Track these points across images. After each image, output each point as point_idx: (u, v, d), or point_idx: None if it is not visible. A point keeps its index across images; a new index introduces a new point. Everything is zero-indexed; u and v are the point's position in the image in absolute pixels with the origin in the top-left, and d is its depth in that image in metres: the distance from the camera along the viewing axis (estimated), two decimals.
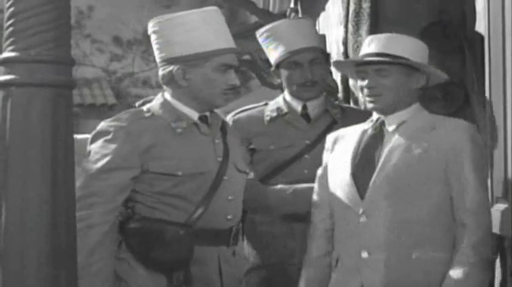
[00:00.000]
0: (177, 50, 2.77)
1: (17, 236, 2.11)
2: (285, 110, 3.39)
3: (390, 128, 2.75)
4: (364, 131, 2.81)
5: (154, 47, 2.85)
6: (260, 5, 6.82)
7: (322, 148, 2.97)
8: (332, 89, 4.17)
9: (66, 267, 2.14)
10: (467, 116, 4.01)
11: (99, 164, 2.68)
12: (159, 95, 2.86)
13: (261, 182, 3.27)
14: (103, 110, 16.98)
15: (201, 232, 2.72)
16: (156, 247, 2.69)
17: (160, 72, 2.82)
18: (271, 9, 6.60)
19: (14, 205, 2.11)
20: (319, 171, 2.91)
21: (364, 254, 2.66)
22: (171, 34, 2.78)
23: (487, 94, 2.78)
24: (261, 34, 3.46)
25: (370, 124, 2.81)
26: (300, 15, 6.05)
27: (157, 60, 2.84)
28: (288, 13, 6.13)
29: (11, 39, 2.17)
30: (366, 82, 2.74)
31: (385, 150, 2.71)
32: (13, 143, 2.12)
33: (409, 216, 2.61)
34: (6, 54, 2.17)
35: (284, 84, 3.44)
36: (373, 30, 3.85)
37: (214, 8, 2.82)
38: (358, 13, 4.11)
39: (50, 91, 2.16)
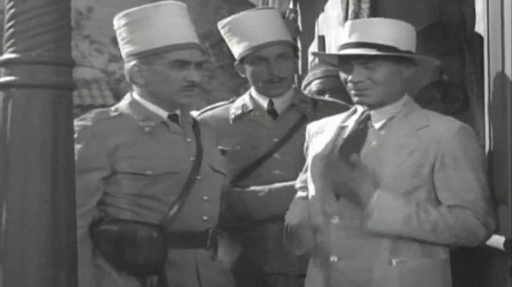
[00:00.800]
0: (132, 47, 2.70)
1: (17, 236, 2.11)
2: (250, 107, 3.20)
3: (377, 124, 2.59)
4: (345, 126, 2.65)
5: (119, 43, 2.79)
6: (259, 6, 6.82)
7: (292, 145, 2.85)
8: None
9: (67, 267, 2.14)
10: (466, 118, 4.02)
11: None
12: (128, 95, 2.79)
13: (230, 184, 3.11)
14: None
15: (177, 234, 2.65)
16: (127, 250, 2.61)
17: (124, 70, 2.76)
18: None
19: (14, 205, 2.11)
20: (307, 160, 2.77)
21: (333, 258, 2.54)
22: (125, 31, 2.72)
23: (486, 95, 2.78)
24: (223, 26, 3.23)
25: (354, 118, 2.65)
26: (299, 16, 6.06)
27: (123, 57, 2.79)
28: (287, 14, 6.13)
29: (12, 40, 2.17)
30: (350, 76, 2.56)
31: (369, 148, 2.56)
32: (14, 144, 2.12)
33: None
34: (7, 55, 2.17)
35: (249, 80, 3.23)
36: None
37: (173, 2, 2.73)
38: (357, 14, 4.11)
39: (50, 92, 2.16)
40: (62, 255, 2.14)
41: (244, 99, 3.25)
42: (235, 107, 3.24)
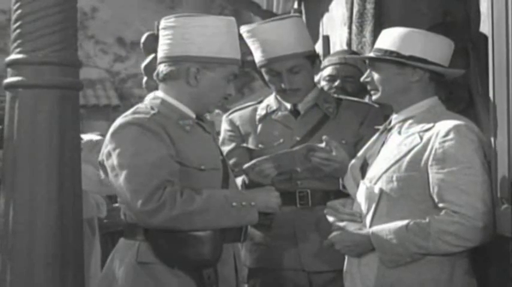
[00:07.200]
0: (196, 50, 2.73)
1: (24, 236, 2.13)
2: (274, 107, 3.32)
3: (394, 124, 2.77)
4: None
5: (165, 42, 2.77)
6: (264, 6, 6.82)
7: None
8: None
9: (73, 267, 2.16)
10: (471, 118, 4.02)
11: (153, 156, 2.59)
12: (153, 95, 2.80)
13: None
14: (106, 111, 17.01)
15: (223, 229, 2.69)
16: (188, 245, 2.62)
17: (167, 68, 2.75)
18: (274, 10, 6.60)
19: (21, 205, 2.13)
20: None
21: None
22: (191, 33, 2.73)
23: (491, 96, 2.78)
24: (244, 31, 3.32)
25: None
26: (303, 16, 6.06)
27: (163, 54, 2.77)
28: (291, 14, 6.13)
29: (18, 41, 2.19)
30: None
31: (383, 146, 2.76)
32: (21, 144, 2.14)
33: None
34: (14, 56, 2.19)
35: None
36: (377, 31, 3.86)
37: (232, 18, 2.82)
38: (362, 14, 4.12)
39: (57, 93, 2.18)
40: (69, 255, 2.15)
41: (269, 100, 3.38)
42: (261, 108, 3.37)
